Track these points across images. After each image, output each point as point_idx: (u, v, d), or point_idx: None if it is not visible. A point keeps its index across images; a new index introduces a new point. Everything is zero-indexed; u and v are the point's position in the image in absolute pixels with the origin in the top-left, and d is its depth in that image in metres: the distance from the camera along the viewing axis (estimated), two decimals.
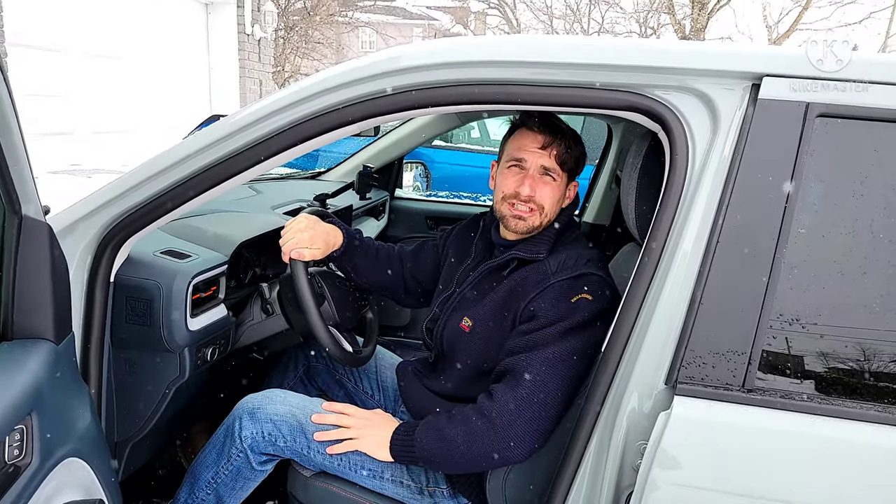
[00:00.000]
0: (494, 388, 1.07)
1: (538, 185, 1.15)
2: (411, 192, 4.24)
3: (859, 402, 0.85)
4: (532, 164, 1.15)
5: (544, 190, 1.15)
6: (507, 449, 1.03)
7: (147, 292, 1.14)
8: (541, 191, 1.15)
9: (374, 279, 1.41)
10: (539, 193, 1.15)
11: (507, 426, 1.03)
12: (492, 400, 1.06)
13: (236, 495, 1.21)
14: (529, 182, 1.15)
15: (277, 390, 1.25)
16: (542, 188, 1.15)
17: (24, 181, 0.73)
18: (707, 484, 0.86)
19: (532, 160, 1.15)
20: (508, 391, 1.04)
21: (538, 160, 1.15)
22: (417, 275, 1.42)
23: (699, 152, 0.88)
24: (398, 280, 1.43)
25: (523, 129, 1.17)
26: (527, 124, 1.17)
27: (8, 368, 0.71)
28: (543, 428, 1.04)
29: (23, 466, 0.69)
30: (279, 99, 0.99)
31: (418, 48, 0.96)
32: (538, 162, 1.15)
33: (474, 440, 1.05)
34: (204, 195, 1.03)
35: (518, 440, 1.03)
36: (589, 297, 1.07)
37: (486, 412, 1.05)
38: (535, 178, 1.15)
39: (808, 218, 0.85)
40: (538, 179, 1.15)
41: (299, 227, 1.26)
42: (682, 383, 0.86)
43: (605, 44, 0.95)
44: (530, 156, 1.15)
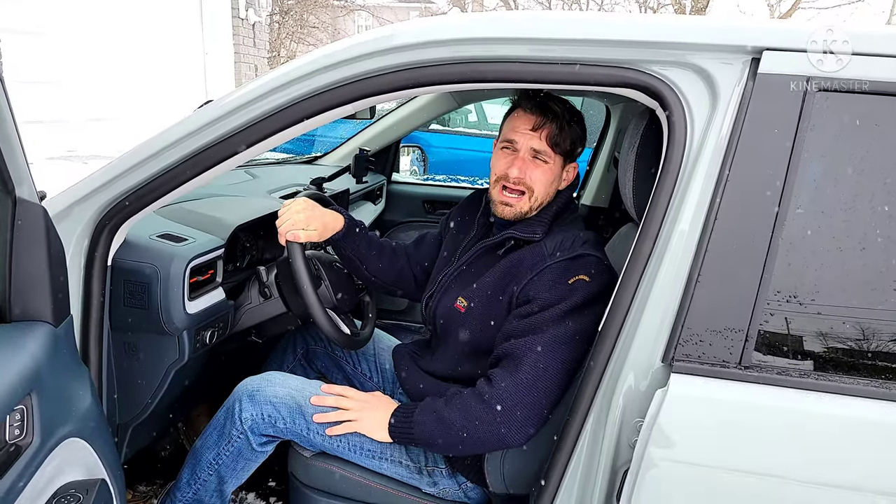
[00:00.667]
0: (493, 374, 1.07)
1: (528, 167, 1.14)
2: (408, 177, 4.22)
3: (856, 378, 0.85)
4: (522, 146, 1.14)
5: (535, 173, 1.14)
6: (505, 434, 1.04)
7: (144, 276, 1.14)
8: (531, 173, 1.14)
9: (376, 269, 1.39)
10: (529, 176, 1.14)
11: (505, 411, 1.03)
12: (491, 385, 1.06)
13: (237, 475, 1.22)
14: (519, 164, 1.13)
15: (277, 373, 1.26)
16: (532, 171, 1.14)
17: (17, 162, 0.73)
18: (703, 460, 0.86)
19: (522, 142, 1.13)
20: (508, 376, 1.05)
21: (528, 142, 1.13)
22: (420, 261, 1.42)
23: (697, 128, 0.87)
24: (408, 273, 1.42)
25: (518, 110, 1.16)
26: (521, 104, 1.15)
27: (6, 349, 0.71)
28: (541, 413, 1.04)
29: (24, 446, 0.69)
30: (273, 79, 0.97)
31: (412, 26, 0.95)
32: (528, 144, 1.13)
33: (473, 424, 1.05)
34: (199, 177, 1.02)
35: (516, 425, 1.03)
36: (586, 279, 1.06)
37: (486, 397, 1.05)
38: (525, 160, 1.14)
39: (807, 194, 0.85)
40: (528, 162, 1.14)
41: (296, 209, 1.25)
42: (679, 361, 0.86)
43: (602, 19, 0.93)
44: (521, 137, 1.13)
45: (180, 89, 8.39)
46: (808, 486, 0.84)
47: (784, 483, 0.85)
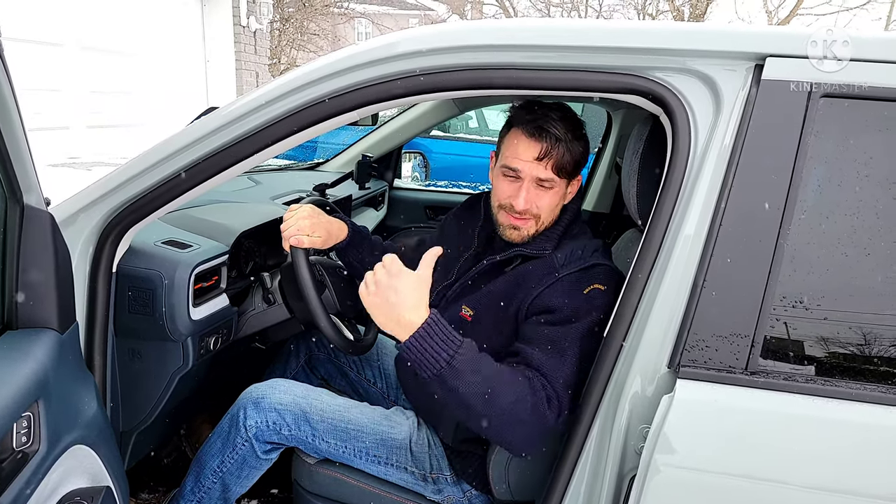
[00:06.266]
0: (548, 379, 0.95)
1: (533, 196, 1.08)
2: (410, 183, 4.23)
3: (863, 383, 0.85)
4: (527, 175, 1.07)
5: (542, 200, 1.09)
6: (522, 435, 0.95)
7: (149, 282, 1.15)
8: (538, 201, 1.08)
9: None
10: (535, 204, 1.08)
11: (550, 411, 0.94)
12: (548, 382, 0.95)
13: (242, 483, 1.22)
14: (525, 195, 1.07)
15: (281, 380, 1.26)
16: (538, 199, 1.08)
17: (26, 169, 0.73)
18: (710, 467, 0.86)
19: (527, 171, 1.07)
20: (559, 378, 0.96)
21: (533, 171, 1.06)
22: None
23: (701, 134, 0.88)
24: None
25: (517, 131, 1.08)
26: (520, 125, 1.07)
27: (13, 357, 0.71)
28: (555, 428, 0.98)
29: (31, 453, 0.69)
30: (278, 87, 0.98)
31: (415, 33, 0.95)
32: (533, 173, 1.07)
33: (505, 403, 0.90)
34: (204, 184, 1.03)
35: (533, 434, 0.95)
36: (601, 287, 1.03)
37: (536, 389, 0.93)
38: (530, 189, 1.08)
39: (811, 200, 0.85)
40: (533, 191, 1.08)
41: (301, 215, 1.25)
42: (685, 367, 0.86)
43: (605, 26, 0.94)
44: (525, 166, 1.06)
45: (182, 96, 8.42)
46: (815, 492, 0.84)
47: (791, 489, 0.84)
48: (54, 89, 6.68)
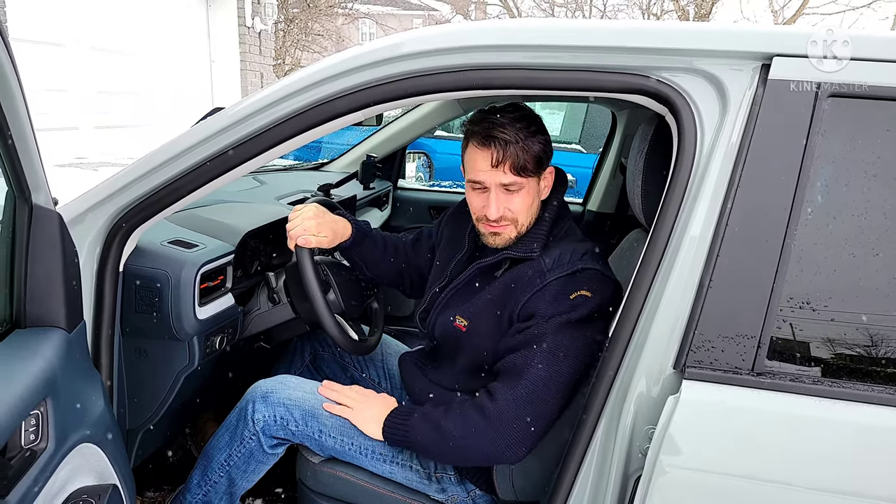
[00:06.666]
0: (494, 388, 1.06)
1: (503, 201, 1.09)
2: (414, 183, 4.23)
3: (870, 384, 0.84)
4: (491, 184, 1.08)
5: (513, 203, 1.09)
6: (501, 450, 1.04)
7: (156, 281, 1.15)
8: (509, 206, 1.09)
9: (382, 271, 1.40)
10: (507, 209, 1.09)
11: (503, 427, 1.03)
12: (492, 399, 1.05)
13: (248, 478, 1.22)
14: (495, 204, 1.08)
15: (290, 376, 1.27)
16: (509, 203, 1.09)
17: (35, 169, 0.74)
18: (715, 468, 0.86)
19: (489, 180, 1.08)
20: (508, 391, 1.04)
21: (494, 178, 1.07)
22: (417, 265, 1.41)
23: (707, 134, 0.88)
24: (406, 274, 1.42)
25: (471, 144, 1.09)
26: (472, 138, 1.09)
27: (22, 355, 0.72)
28: (539, 431, 1.04)
29: (39, 451, 0.69)
30: (282, 87, 0.98)
31: (420, 34, 0.96)
32: (495, 181, 1.07)
33: (469, 437, 1.05)
34: (210, 185, 1.03)
35: (513, 442, 1.03)
36: (587, 294, 1.05)
37: (485, 411, 1.05)
38: (498, 196, 1.08)
39: (818, 200, 0.84)
40: (502, 196, 1.09)
41: (307, 215, 1.26)
42: (691, 367, 0.86)
43: (611, 26, 0.93)
44: (485, 176, 1.08)
45: (187, 97, 8.46)
46: (821, 494, 0.84)
47: (797, 491, 0.84)
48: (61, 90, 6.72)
